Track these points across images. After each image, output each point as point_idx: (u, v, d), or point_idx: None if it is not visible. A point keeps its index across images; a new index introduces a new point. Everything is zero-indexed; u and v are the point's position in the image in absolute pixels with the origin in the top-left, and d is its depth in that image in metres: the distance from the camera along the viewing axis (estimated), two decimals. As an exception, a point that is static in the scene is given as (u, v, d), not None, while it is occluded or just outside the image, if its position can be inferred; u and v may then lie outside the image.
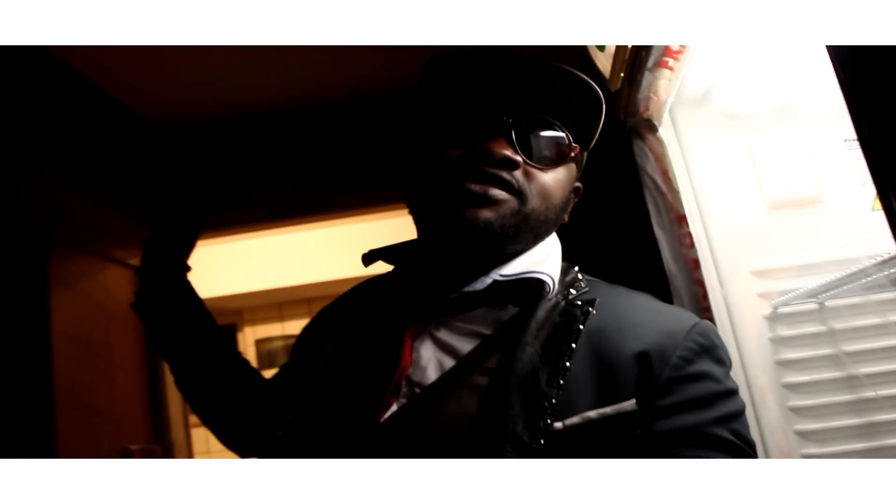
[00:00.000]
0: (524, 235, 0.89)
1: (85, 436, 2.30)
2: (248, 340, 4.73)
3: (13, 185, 2.14)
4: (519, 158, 0.86)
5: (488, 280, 0.88)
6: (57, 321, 2.22)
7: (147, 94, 2.61)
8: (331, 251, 4.05)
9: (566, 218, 0.97)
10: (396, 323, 0.92)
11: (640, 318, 0.85)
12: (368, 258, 1.00)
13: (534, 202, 0.87)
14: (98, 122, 2.59)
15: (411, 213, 0.96)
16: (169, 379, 2.82)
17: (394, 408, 0.85)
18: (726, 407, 0.81)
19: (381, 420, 0.84)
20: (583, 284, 0.92)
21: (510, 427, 0.77)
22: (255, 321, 4.78)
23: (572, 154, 0.92)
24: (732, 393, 0.83)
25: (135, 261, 2.82)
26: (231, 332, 4.74)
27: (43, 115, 2.29)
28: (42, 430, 2.10)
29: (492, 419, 0.79)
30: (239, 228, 3.03)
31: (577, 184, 0.99)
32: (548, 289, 0.89)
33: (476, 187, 0.84)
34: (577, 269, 0.97)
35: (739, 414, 0.82)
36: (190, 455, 2.86)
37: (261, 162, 2.86)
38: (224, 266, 4.12)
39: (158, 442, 2.69)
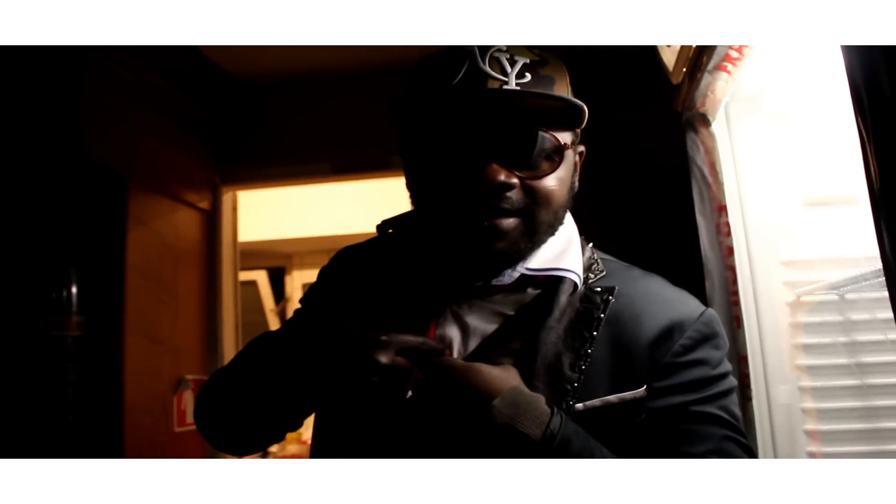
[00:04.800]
0: (539, 240, 0.91)
1: (147, 363, 2.49)
2: (296, 284, 4.89)
3: (100, 129, 2.30)
4: (514, 180, 0.86)
5: (516, 274, 0.92)
6: (131, 256, 2.40)
7: (235, 51, 2.72)
8: (382, 202, 4.13)
9: (576, 185, 0.97)
10: (420, 303, 0.95)
11: (654, 306, 0.92)
12: (383, 228, 1.04)
13: (539, 215, 0.89)
14: (185, 72, 2.74)
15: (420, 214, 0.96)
16: (226, 315, 3.02)
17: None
18: (717, 387, 0.89)
19: (407, 395, 0.88)
20: (599, 266, 0.97)
21: None
22: (303, 266, 4.94)
23: (565, 151, 0.91)
24: (724, 376, 0.91)
25: (204, 204, 3.00)
26: (279, 276, 4.93)
27: (131, 63, 2.43)
28: (111, 354, 2.31)
29: None
30: (304, 180, 3.16)
31: (581, 148, 0.98)
32: (573, 284, 0.92)
33: (485, 223, 0.86)
34: (591, 245, 1.00)
35: (728, 392, 0.91)
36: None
37: (330, 117, 2.99)
38: (277, 211, 4.21)
39: (212, 373, 2.89)
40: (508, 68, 0.86)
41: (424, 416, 0.86)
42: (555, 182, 0.89)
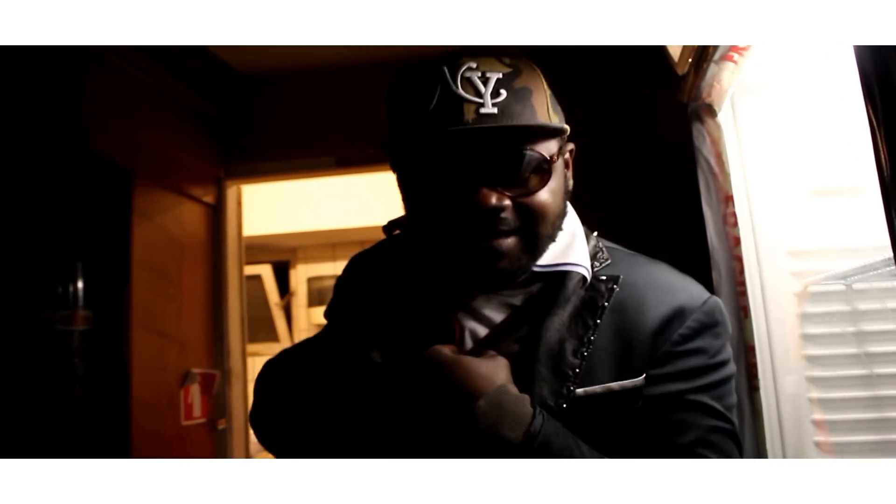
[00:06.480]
0: (540, 252, 0.92)
1: (154, 357, 2.49)
2: (301, 278, 4.89)
3: (104, 124, 2.30)
4: (507, 201, 0.86)
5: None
6: (137, 251, 2.40)
7: (238, 45, 2.72)
8: (385, 196, 4.14)
9: (570, 185, 0.98)
10: (439, 300, 0.97)
11: (657, 294, 0.92)
12: (389, 229, 1.05)
13: (538, 229, 0.89)
14: (189, 67, 2.73)
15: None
16: (231, 309, 3.02)
17: None
18: (712, 377, 0.90)
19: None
20: (604, 254, 0.98)
21: (537, 391, 0.86)
22: (308, 260, 4.95)
23: (553, 163, 0.90)
24: (722, 364, 0.92)
25: (209, 198, 3.00)
26: (284, 269, 4.93)
27: (135, 58, 2.42)
28: (118, 348, 2.31)
29: (521, 383, 0.87)
30: (309, 174, 3.15)
31: (570, 146, 0.97)
32: (581, 277, 0.93)
33: (484, 244, 0.87)
34: (595, 234, 1.01)
35: (724, 381, 0.92)
36: (246, 381, 3.04)
37: (335, 110, 2.98)
38: (281, 204, 4.20)
39: (218, 367, 2.90)
40: (482, 88, 0.84)
41: (414, 409, 0.89)
42: (548, 195, 0.89)
